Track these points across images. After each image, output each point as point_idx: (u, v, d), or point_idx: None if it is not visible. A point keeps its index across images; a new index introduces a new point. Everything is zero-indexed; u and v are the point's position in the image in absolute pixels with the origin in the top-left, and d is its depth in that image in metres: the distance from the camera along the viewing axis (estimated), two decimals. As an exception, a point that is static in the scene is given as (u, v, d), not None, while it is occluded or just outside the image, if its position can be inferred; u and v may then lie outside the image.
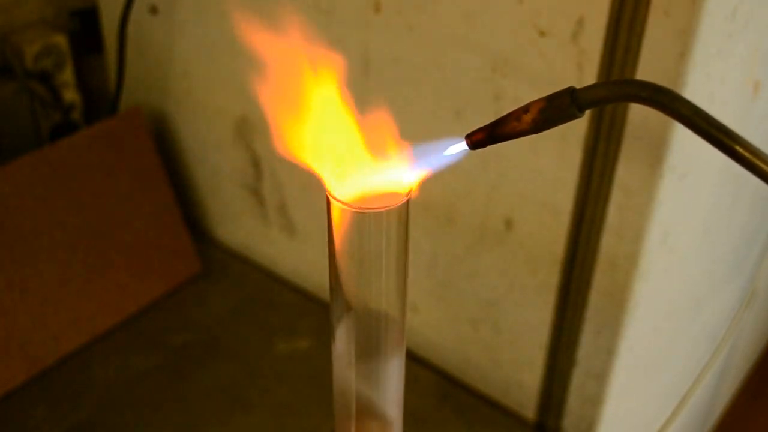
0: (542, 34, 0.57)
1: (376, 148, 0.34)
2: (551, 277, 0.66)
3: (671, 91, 0.28)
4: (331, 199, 0.33)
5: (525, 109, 0.32)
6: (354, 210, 0.33)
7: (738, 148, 0.28)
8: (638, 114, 0.55)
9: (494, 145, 0.34)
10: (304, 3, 0.70)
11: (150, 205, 0.85)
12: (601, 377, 0.67)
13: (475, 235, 0.68)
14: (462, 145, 0.33)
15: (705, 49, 0.52)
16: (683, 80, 0.52)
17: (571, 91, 0.30)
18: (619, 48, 0.54)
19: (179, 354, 0.79)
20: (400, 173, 0.33)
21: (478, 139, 0.33)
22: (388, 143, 0.34)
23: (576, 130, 0.59)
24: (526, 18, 0.57)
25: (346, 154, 0.34)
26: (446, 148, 0.33)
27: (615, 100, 0.30)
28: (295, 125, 0.34)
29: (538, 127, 0.31)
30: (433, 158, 0.33)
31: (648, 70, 0.53)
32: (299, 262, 0.86)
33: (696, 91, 0.54)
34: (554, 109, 0.31)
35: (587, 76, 0.56)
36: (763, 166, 0.27)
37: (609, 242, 0.61)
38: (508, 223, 0.66)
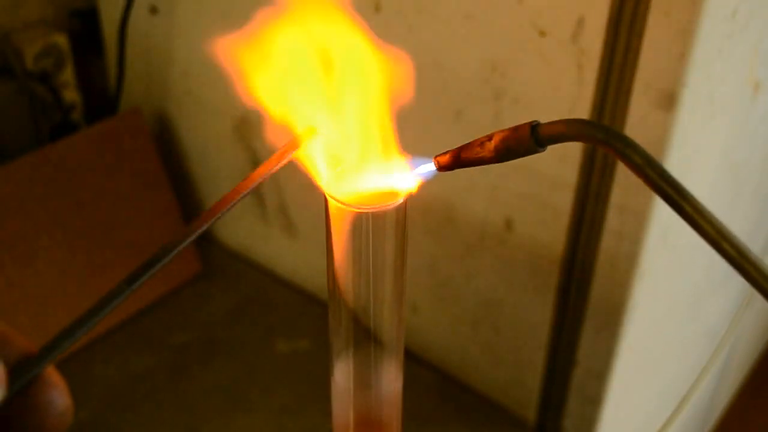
0: (542, 34, 0.57)
1: (373, 151, 0.34)
2: (551, 277, 0.66)
3: (626, 138, 0.29)
4: (330, 199, 0.33)
5: (489, 137, 0.32)
6: (352, 210, 0.33)
7: (684, 204, 0.28)
8: (637, 114, 0.55)
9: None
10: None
11: (150, 205, 0.85)
12: (601, 377, 0.67)
13: (475, 235, 0.68)
14: (430, 166, 0.34)
15: (705, 49, 0.52)
16: (683, 80, 0.52)
17: (533, 125, 0.31)
18: (619, 48, 0.54)
19: (179, 354, 0.79)
20: (394, 179, 0.34)
21: (445, 163, 0.33)
22: (386, 149, 0.34)
23: (576, 130, 0.59)
24: (526, 18, 0.57)
25: (344, 154, 0.34)
26: (417, 166, 0.34)
27: (573, 139, 0.30)
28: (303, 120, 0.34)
29: (500, 156, 0.32)
30: (412, 173, 0.34)
31: (648, 70, 0.53)
32: (299, 262, 0.86)
33: (696, 91, 0.54)
34: (515, 140, 0.31)
35: (587, 76, 0.56)
36: (707, 226, 0.27)
37: (609, 242, 0.61)
38: (508, 223, 0.66)
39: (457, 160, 0.33)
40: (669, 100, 0.53)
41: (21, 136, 0.93)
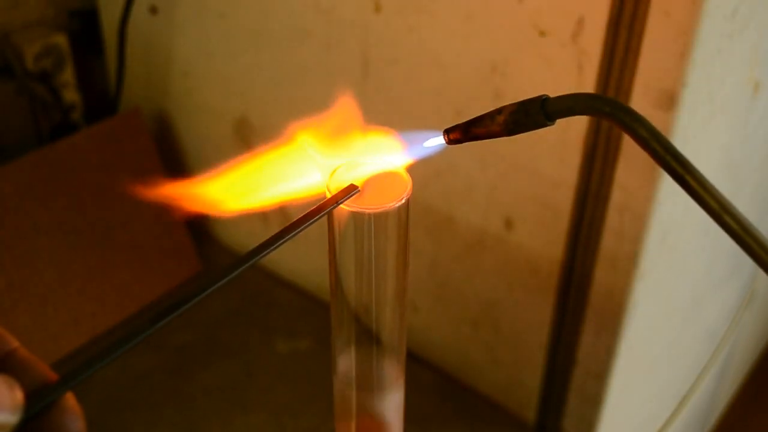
0: (542, 34, 0.57)
1: (367, 136, 0.34)
2: (551, 277, 0.66)
3: (633, 112, 0.29)
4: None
5: (499, 110, 0.32)
6: (354, 210, 0.33)
7: (689, 178, 0.28)
8: (638, 114, 0.55)
9: (494, 146, 0.34)
10: (304, 3, 0.70)
11: (150, 205, 0.85)
12: (601, 377, 0.67)
13: (475, 235, 0.68)
14: (440, 140, 0.34)
15: (705, 49, 0.52)
16: (683, 80, 0.52)
17: (542, 99, 0.31)
18: (619, 48, 0.54)
19: (179, 354, 0.79)
20: (388, 158, 0.34)
21: (455, 137, 0.33)
22: (377, 131, 0.34)
23: (576, 130, 0.59)
24: (526, 18, 0.57)
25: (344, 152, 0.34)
26: (426, 140, 0.34)
27: (581, 113, 0.31)
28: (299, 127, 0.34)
29: (509, 129, 0.32)
30: (414, 147, 0.34)
31: (648, 70, 0.53)
32: (299, 262, 0.86)
33: (696, 91, 0.54)
34: (524, 114, 0.31)
35: (587, 76, 0.56)
36: (710, 200, 0.28)
37: (609, 242, 0.61)
38: (508, 223, 0.66)
39: (467, 133, 0.33)
40: (669, 100, 0.53)
41: (21, 136, 0.92)
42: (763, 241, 0.27)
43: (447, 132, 0.34)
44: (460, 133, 0.33)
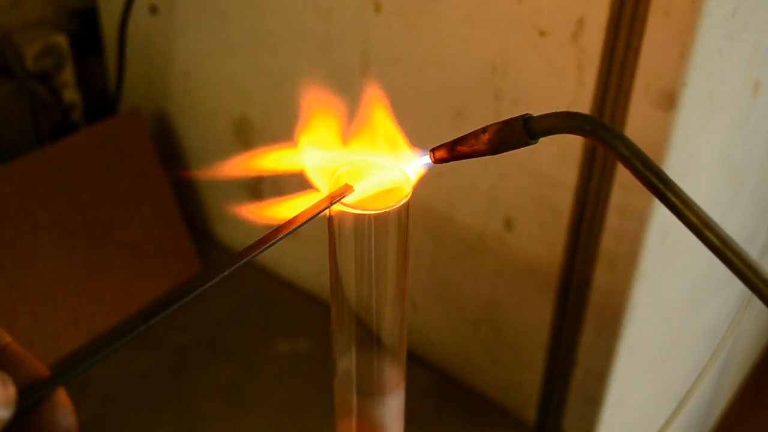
0: (542, 34, 0.57)
1: (373, 147, 0.35)
2: (551, 278, 0.66)
3: (613, 130, 0.29)
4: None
5: (483, 129, 0.33)
6: (354, 211, 0.33)
7: (670, 195, 0.28)
8: (637, 114, 0.55)
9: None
10: (304, 3, 0.70)
11: (150, 205, 0.85)
12: (601, 377, 0.67)
13: (475, 235, 0.68)
14: (426, 158, 0.34)
15: (705, 49, 0.52)
16: (683, 80, 0.52)
17: (525, 118, 0.31)
18: (619, 48, 0.54)
19: (179, 354, 0.79)
20: (394, 172, 0.34)
21: (441, 156, 0.34)
22: (390, 142, 0.35)
23: (576, 130, 0.59)
24: (526, 18, 0.57)
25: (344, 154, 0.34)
26: (419, 157, 0.34)
27: (563, 131, 0.31)
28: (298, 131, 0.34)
29: (493, 148, 0.32)
30: (411, 164, 0.35)
31: (648, 70, 0.53)
32: (299, 262, 0.86)
33: (696, 91, 0.54)
34: (508, 133, 0.32)
35: (587, 76, 0.56)
36: (691, 216, 0.28)
37: (609, 242, 0.61)
38: (508, 224, 0.66)
39: (453, 152, 0.34)
40: (669, 100, 0.53)
41: (21, 136, 0.92)
42: (745, 257, 0.27)
43: (433, 151, 0.34)
44: (446, 152, 0.34)
